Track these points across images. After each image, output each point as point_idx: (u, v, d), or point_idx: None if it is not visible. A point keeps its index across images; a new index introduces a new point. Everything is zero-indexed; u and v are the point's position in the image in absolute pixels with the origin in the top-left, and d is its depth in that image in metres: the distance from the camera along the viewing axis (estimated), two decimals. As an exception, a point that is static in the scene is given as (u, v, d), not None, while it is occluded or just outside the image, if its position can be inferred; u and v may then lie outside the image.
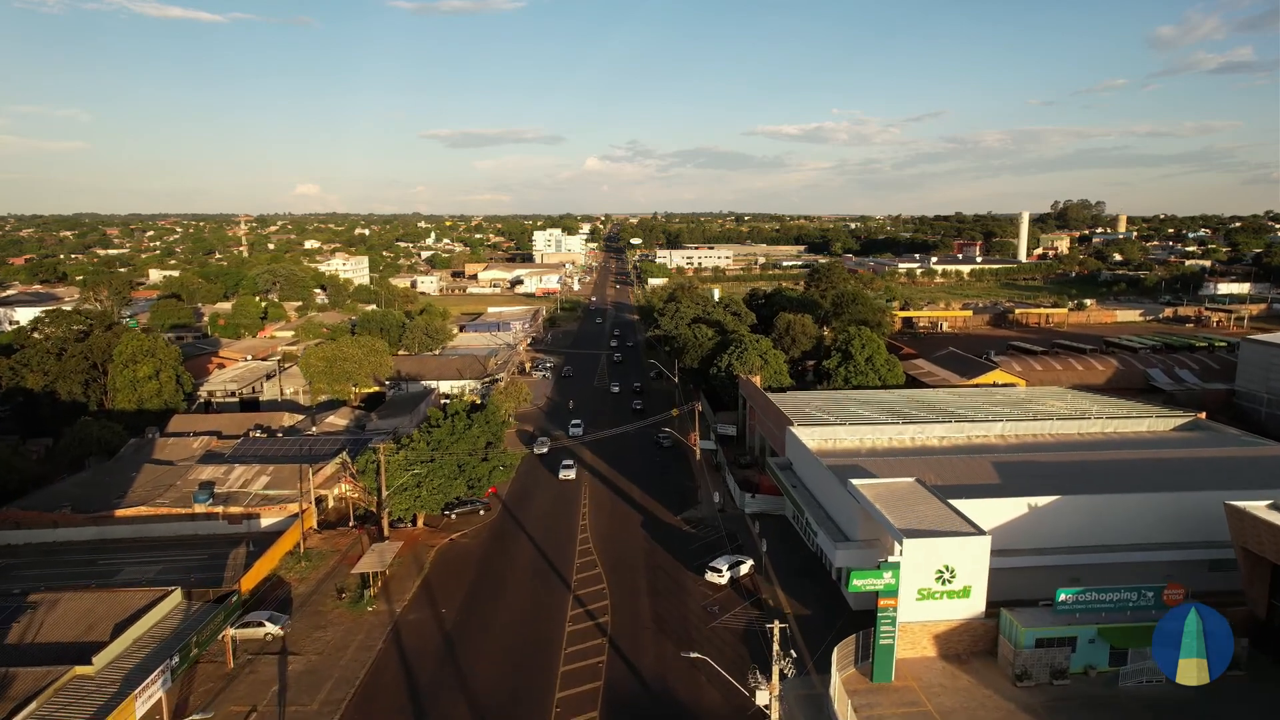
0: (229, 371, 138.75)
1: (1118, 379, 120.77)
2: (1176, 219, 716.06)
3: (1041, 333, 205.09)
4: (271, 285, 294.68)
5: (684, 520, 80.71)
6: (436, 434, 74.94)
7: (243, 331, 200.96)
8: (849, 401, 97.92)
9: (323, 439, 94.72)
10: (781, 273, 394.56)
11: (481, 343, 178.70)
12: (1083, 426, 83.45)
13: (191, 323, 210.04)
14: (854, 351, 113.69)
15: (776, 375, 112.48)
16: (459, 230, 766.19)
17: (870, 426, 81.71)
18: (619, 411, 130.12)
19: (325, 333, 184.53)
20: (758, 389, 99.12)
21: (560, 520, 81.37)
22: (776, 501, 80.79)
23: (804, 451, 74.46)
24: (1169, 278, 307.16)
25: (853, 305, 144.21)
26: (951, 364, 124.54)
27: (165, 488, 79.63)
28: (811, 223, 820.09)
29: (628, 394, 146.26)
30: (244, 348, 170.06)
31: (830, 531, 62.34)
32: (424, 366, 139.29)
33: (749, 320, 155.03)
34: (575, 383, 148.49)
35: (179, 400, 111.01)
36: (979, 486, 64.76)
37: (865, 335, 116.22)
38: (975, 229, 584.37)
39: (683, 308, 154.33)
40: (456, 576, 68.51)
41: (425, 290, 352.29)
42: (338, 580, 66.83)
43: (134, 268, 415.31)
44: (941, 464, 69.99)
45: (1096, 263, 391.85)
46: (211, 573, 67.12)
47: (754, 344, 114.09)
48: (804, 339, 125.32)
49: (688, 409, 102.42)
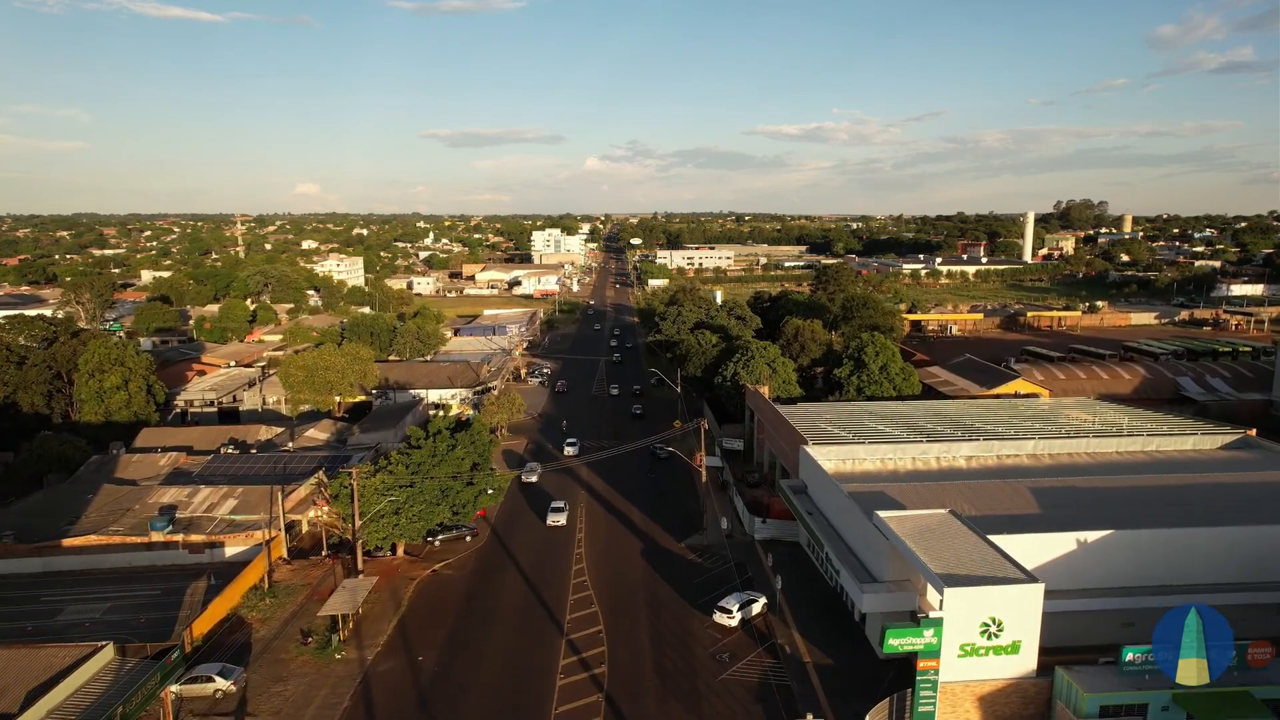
0: (209, 379, 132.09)
1: (1145, 388, 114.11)
2: (1180, 219, 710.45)
3: (1054, 337, 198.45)
4: (263, 287, 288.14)
5: (688, 548, 74.05)
6: (416, 456, 68.20)
7: (229, 335, 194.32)
8: (864, 415, 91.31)
9: (299, 456, 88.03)
10: (784, 273, 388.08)
11: (476, 347, 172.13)
12: (1121, 444, 76.74)
13: (177, 326, 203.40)
14: (867, 359, 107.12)
15: (785, 385, 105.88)
16: (458, 230, 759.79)
17: (891, 445, 75.03)
18: (618, 417, 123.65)
19: (315, 336, 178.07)
20: (766, 401, 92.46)
21: (553, 547, 74.73)
22: (789, 527, 74.17)
23: (820, 475, 67.81)
24: (1180, 279, 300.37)
25: (863, 309, 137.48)
26: (969, 372, 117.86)
27: (122, 512, 72.96)
28: (812, 223, 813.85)
29: (627, 397, 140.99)
30: (228, 353, 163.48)
31: (854, 570, 55.65)
32: (413, 374, 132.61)
33: (754, 325, 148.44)
34: (570, 395, 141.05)
35: (150, 412, 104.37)
36: (1018, 518, 58.09)
37: (879, 342, 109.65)
38: (979, 229, 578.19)
39: (685, 311, 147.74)
40: (437, 615, 61.83)
41: (421, 292, 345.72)
42: (305, 620, 60.16)
43: (128, 268, 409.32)
44: (973, 490, 63.32)
45: (1104, 263, 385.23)
46: (164, 611, 60.48)
47: (761, 351, 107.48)
48: (814, 346, 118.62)
49: (692, 425, 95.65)
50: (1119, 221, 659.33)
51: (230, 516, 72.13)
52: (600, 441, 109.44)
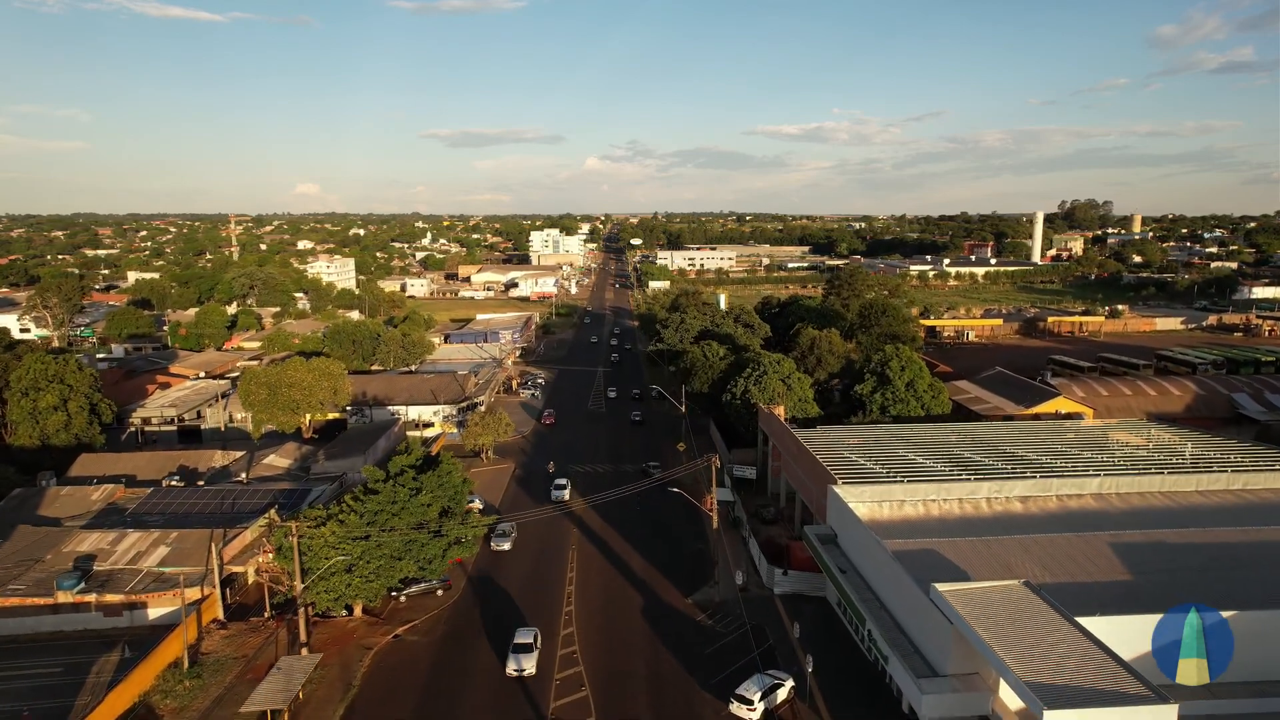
0: (171, 393, 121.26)
1: (1199, 406, 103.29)
2: (1186, 219, 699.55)
3: (1078, 344, 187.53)
4: (249, 290, 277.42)
5: (696, 604, 63.25)
6: (372, 504, 57.33)
7: (206, 342, 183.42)
8: (894, 441, 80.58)
9: (252, 489, 77.12)
10: (787, 275, 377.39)
11: (465, 356, 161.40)
12: (1202, 482, 65.94)
13: (152, 332, 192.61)
14: (892, 375, 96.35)
15: (802, 404, 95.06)
16: (456, 230, 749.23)
17: (933, 483, 64.23)
18: (616, 425, 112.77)
19: (296, 343, 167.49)
20: (783, 426, 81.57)
21: (539, 602, 63.94)
22: (815, 580, 63.41)
23: (855, 524, 57.04)
24: (1200, 281, 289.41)
25: (881, 317, 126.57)
26: (1002, 388, 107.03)
27: (31, 563, 62.18)
28: (814, 223, 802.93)
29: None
30: (200, 362, 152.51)
31: (906, 656, 44.86)
32: (394, 388, 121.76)
33: (762, 333, 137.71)
34: (562, 421, 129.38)
35: (94, 434, 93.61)
36: (1107, 589, 47.34)
37: (905, 355, 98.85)
38: (985, 229, 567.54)
39: (688, 319, 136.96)
40: (395, 697, 51.06)
41: (415, 294, 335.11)
42: (231, 708, 49.37)
43: (117, 269, 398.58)
44: (1043, 548, 52.56)
45: (1116, 264, 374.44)
46: (61, 697, 49.69)
47: (774, 366, 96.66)
48: (831, 359, 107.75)
49: (702, 463, 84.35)
50: (1124, 222, 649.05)
51: (159, 569, 61.35)
52: (596, 466, 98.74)
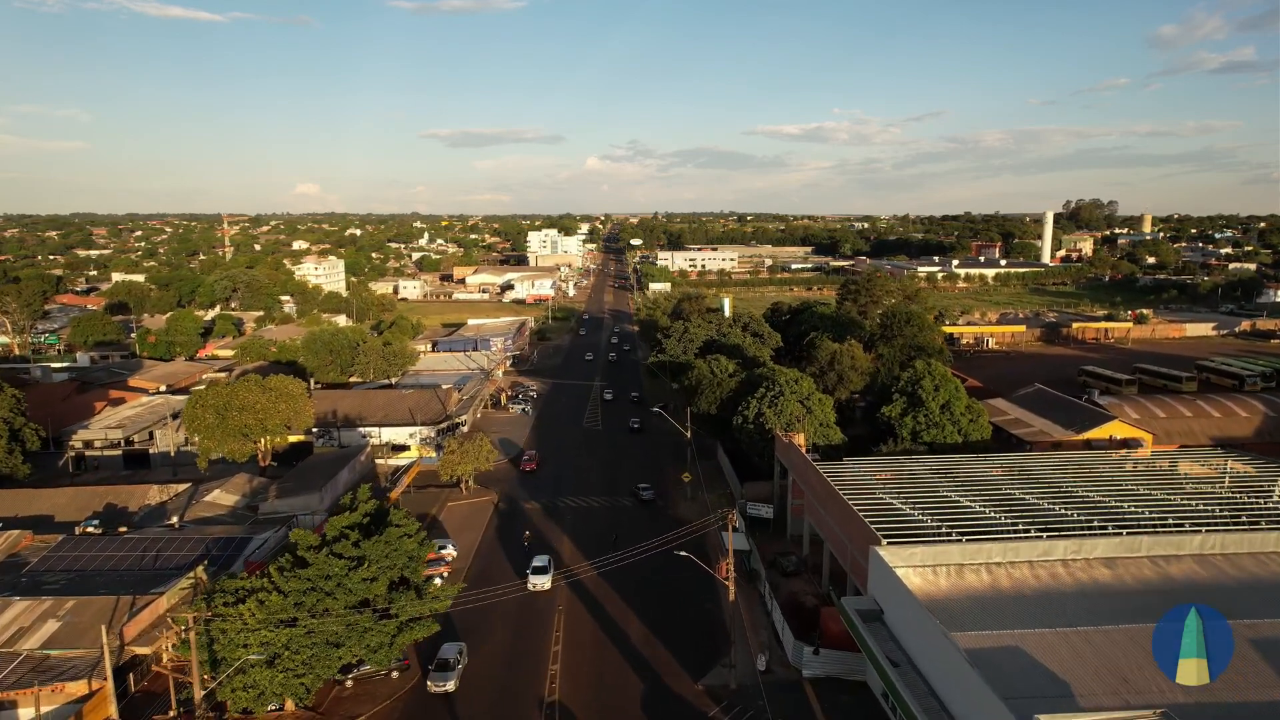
0: (121, 411, 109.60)
1: (1271, 429, 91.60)
2: (1193, 219, 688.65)
3: (1107, 351, 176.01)
4: (231, 293, 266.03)
5: (707, 692, 51.67)
6: (299, 582, 45.53)
7: (177, 351, 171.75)
8: (933, 477, 69.12)
9: (183, 537, 65.38)
10: (791, 276, 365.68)
11: (452, 366, 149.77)
12: (1324, 539, 54.31)
13: (121, 338, 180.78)
14: (924, 395, 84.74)
15: (823, 429, 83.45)
16: (455, 230, 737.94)
17: (998, 543, 52.58)
18: (614, 437, 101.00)
19: (273, 352, 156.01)
20: (805, 460, 69.89)
21: (516, 685, 52.38)
22: (853, 660, 51.78)
23: (907, 601, 45.38)
24: (1223, 284, 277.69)
25: (905, 326, 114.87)
26: (1045, 408, 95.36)
27: (-111, 645, 50.49)
28: (816, 223, 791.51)
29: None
30: (163, 374, 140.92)
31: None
32: (368, 405, 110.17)
33: (773, 343, 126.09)
34: (556, 430, 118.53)
35: (15, 463, 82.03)
36: (1266, 712, 35.75)
37: (938, 372, 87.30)
38: (991, 229, 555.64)
39: (692, 328, 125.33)
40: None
41: (407, 296, 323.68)
42: None
43: (106, 269, 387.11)
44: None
45: (1130, 266, 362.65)
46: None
47: (791, 386, 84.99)
48: (854, 376, 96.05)
49: (718, 521, 72.09)
50: (1131, 222, 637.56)
51: (42, 651, 49.77)
52: (589, 499, 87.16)
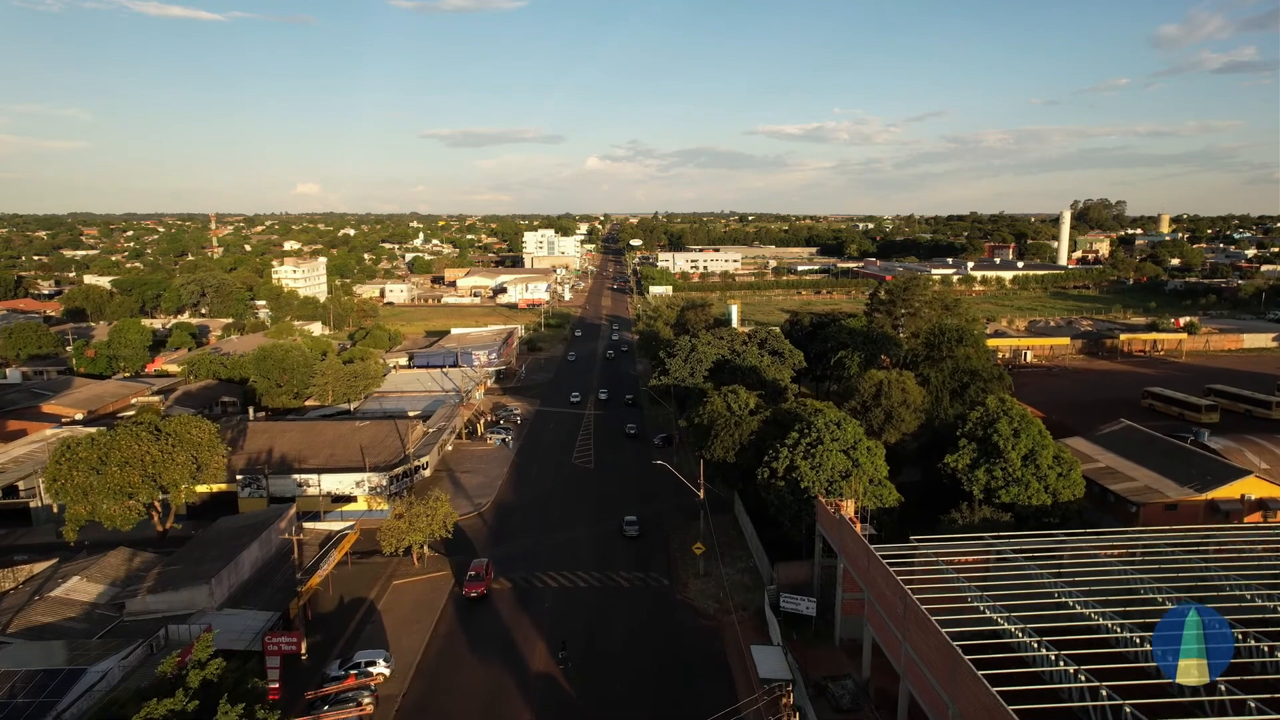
0: (12, 449, 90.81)
1: None
2: (1204, 218, 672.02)
3: (1160, 367, 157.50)
4: (199, 298, 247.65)
5: None
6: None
7: (122, 366, 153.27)
8: (1035, 569, 50.83)
9: None
10: (797, 278, 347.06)
11: (425, 386, 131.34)
12: None
13: (59, 351, 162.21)
14: (1000, 441, 66.42)
15: (875, 488, 64.96)
16: (451, 230, 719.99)
17: None
18: (605, 471, 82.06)
19: (223, 370, 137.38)
20: (863, 546, 51.04)
21: None
22: None
23: None
24: (1266, 288, 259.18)
25: (956, 346, 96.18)
26: (1143, 453, 76.67)
27: None
28: (819, 223, 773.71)
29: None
30: (88, 397, 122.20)
31: None
32: (311, 442, 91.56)
33: (794, 362, 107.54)
34: (540, 469, 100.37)
35: None
36: None
37: (1015, 411, 68.99)
38: (1002, 229, 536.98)
39: (700, 346, 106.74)
40: None
41: (394, 300, 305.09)
42: None
43: (87, 269, 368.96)
44: None
45: (1154, 268, 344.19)
46: None
47: (831, 429, 66.33)
48: (907, 414, 77.25)
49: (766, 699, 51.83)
50: (1143, 222, 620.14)
51: None
52: (576, 576, 68.56)
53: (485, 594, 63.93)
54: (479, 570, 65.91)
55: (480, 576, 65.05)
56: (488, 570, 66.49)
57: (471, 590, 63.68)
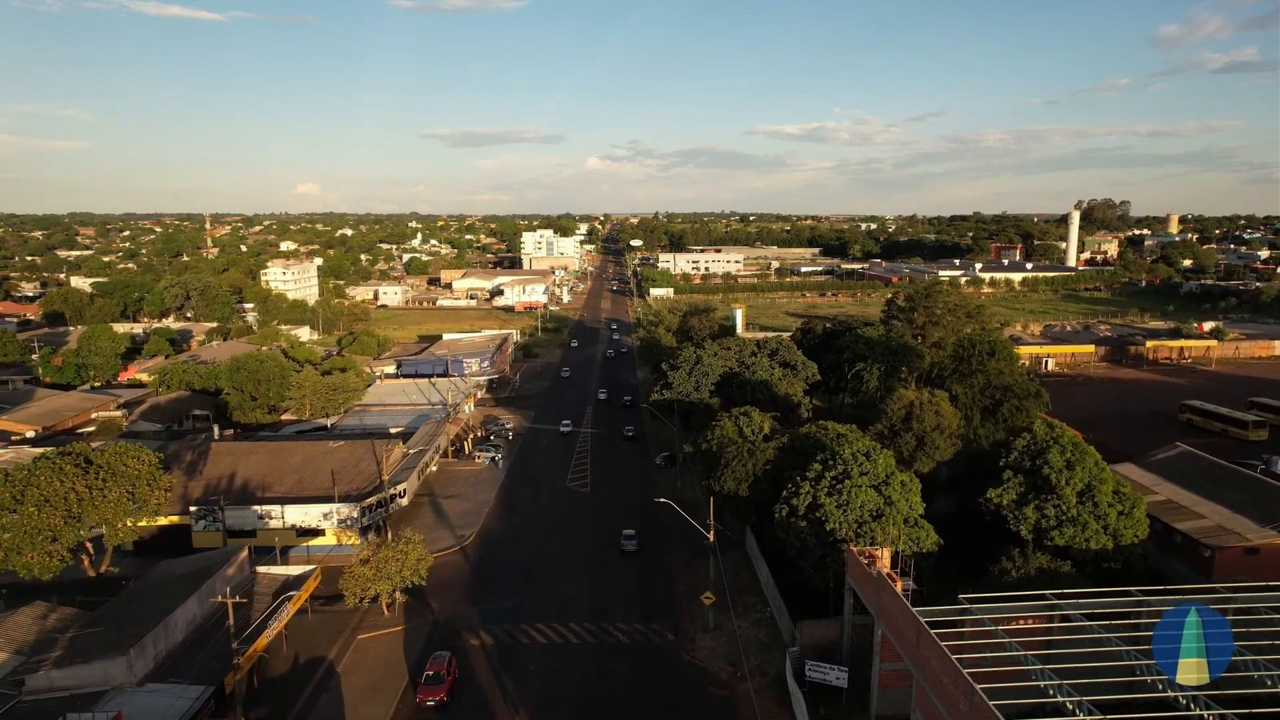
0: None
1: None
2: (1210, 219, 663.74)
3: (1191, 376, 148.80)
4: (183, 301, 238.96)
5: None
6: None
7: (92, 375, 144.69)
8: (1108, 638, 42.27)
9: None
10: (802, 280, 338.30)
11: (410, 399, 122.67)
12: None
13: (25, 359, 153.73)
14: (1052, 474, 57.88)
15: (912, 530, 56.38)
16: (450, 231, 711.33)
17: None
18: (600, 496, 73.21)
19: (198, 381, 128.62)
20: (905, 610, 42.58)
21: None
22: None
23: None
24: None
25: (988, 359, 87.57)
26: (1207, 484, 67.99)
27: None
28: (820, 223, 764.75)
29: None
30: (45, 411, 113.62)
31: None
32: (278, 467, 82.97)
33: (807, 374, 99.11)
34: (530, 493, 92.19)
35: None
36: None
37: (1065, 437, 60.57)
38: (1008, 230, 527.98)
39: (706, 357, 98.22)
40: None
41: (388, 303, 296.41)
42: None
43: (78, 269, 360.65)
44: None
45: (1167, 269, 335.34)
46: None
47: (859, 462, 57.72)
48: (941, 440, 68.69)
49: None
50: (1148, 222, 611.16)
51: None
52: (568, 630, 59.90)
53: (446, 701, 50.23)
54: (438, 669, 51.96)
55: (440, 678, 51.18)
56: (450, 667, 52.63)
57: (428, 697, 49.89)
